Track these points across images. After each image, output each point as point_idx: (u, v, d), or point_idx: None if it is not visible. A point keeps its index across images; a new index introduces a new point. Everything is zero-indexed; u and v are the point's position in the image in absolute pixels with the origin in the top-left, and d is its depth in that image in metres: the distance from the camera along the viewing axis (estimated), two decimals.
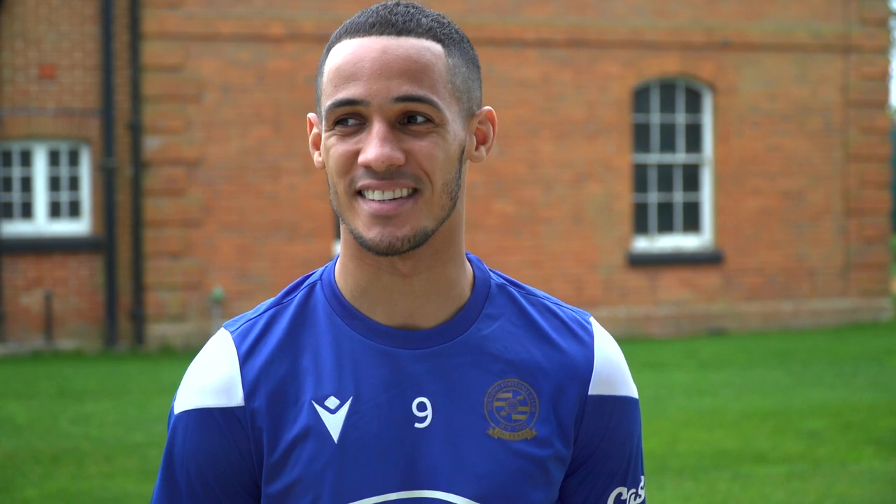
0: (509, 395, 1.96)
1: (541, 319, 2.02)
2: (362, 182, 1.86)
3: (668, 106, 19.73)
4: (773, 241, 19.98)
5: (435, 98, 1.88)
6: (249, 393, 1.93)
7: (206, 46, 17.80)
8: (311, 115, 1.98)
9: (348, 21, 1.92)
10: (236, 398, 1.93)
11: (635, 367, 15.76)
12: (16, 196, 17.60)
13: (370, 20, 1.90)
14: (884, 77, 20.54)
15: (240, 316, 2.02)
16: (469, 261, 2.02)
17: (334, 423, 1.92)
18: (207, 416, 1.94)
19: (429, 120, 1.88)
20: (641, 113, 19.60)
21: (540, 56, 18.99)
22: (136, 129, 17.65)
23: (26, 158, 17.63)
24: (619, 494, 2.04)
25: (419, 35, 1.89)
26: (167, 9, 17.64)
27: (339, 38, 1.93)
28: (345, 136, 1.88)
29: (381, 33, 1.88)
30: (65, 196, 17.71)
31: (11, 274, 17.49)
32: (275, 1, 17.99)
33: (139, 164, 17.68)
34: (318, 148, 1.96)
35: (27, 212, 17.63)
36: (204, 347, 2.01)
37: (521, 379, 1.97)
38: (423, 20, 1.91)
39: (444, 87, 1.89)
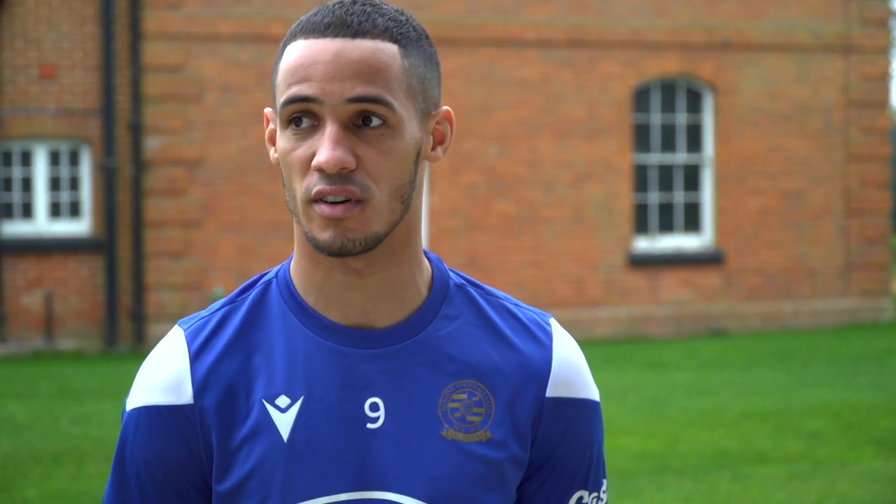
0: (464, 396, 1.94)
1: (499, 320, 1.99)
2: (317, 189, 1.84)
3: (668, 106, 19.73)
4: (773, 241, 19.98)
5: (389, 98, 1.86)
6: (199, 391, 1.92)
7: (206, 46, 17.80)
8: (267, 111, 1.97)
9: (304, 18, 1.91)
10: (185, 396, 1.92)
11: (636, 368, 15.76)
12: (16, 196, 17.60)
13: (325, 20, 1.88)
14: (884, 77, 20.54)
15: (194, 314, 2.01)
16: (428, 260, 2.01)
17: (284, 422, 1.90)
18: (156, 414, 1.93)
19: (383, 123, 1.87)
20: (642, 113, 19.59)
21: (540, 56, 18.99)
22: (136, 130, 17.65)
23: (27, 159, 17.64)
24: (581, 498, 2.02)
25: (374, 36, 1.88)
26: (167, 9, 17.65)
27: (293, 37, 1.90)
28: (299, 138, 1.87)
29: (336, 35, 1.87)
30: (65, 196, 17.71)
31: (12, 274, 17.49)
32: (275, 1, 17.99)
33: (139, 164, 17.68)
34: (273, 144, 1.95)
35: (27, 212, 17.63)
36: (157, 345, 2.00)
37: (476, 380, 1.95)
38: (380, 20, 1.89)
39: (400, 88, 1.88)
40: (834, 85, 20.21)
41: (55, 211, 17.71)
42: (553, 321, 2.04)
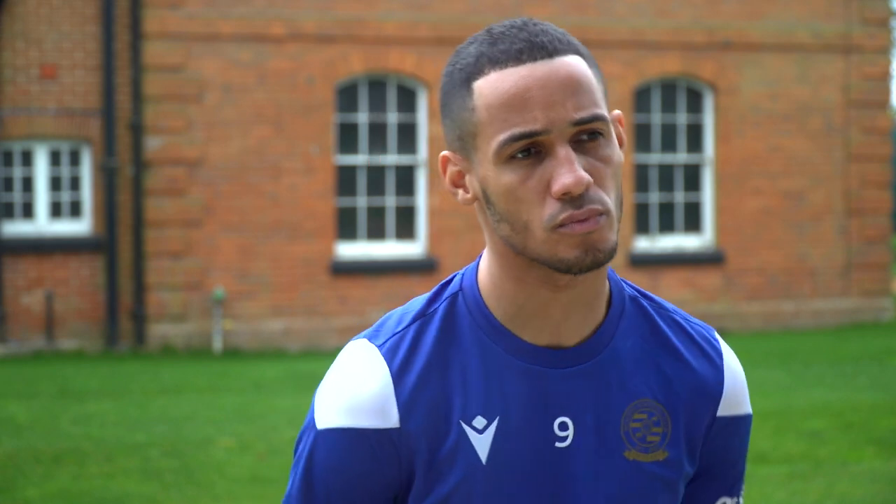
0: (644, 415, 1.96)
1: (672, 336, 2.00)
2: (565, 215, 1.83)
3: (669, 106, 19.73)
4: (774, 241, 19.98)
5: (603, 111, 1.87)
6: (405, 414, 1.91)
7: (206, 46, 17.80)
8: (446, 153, 1.94)
9: (482, 51, 1.87)
10: (392, 420, 1.91)
11: None
12: (17, 196, 17.60)
13: (515, 46, 1.85)
14: (885, 77, 20.54)
15: (379, 326, 1.97)
16: None
17: (482, 443, 1.91)
18: (359, 437, 1.91)
19: (601, 134, 1.87)
20: (642, 113, 19.59)
21: None
22: (137, 129, 17.66)
23: (27, 158, 17.64)
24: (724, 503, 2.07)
25: (565, 52, 1.86)
26: (168, 9, 17.65)
27: (480, 73, 1.86)
28: (527, 169, 1.85)
29: (535, 58, 1.84)
30: (66, 196, 17.71)
31: (12, 274, 17.50)
32: (276, 1, 17.99)
33: (140, 164, 17.68)
34: (458, 185, 1.95)
35: (28, 212, 17.63)
36: (347, 360, 1.95)
37: (654, 399, 1.97)
38: (559, 35, 1.88)
39: (601, 97, 1.88)
40: (834, 85, 20.21)
41: (56, 211, 17.71)
42: (717, 335, 2.06)
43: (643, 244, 19.57)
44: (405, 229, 18.69)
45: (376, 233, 18.55)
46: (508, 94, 1.84)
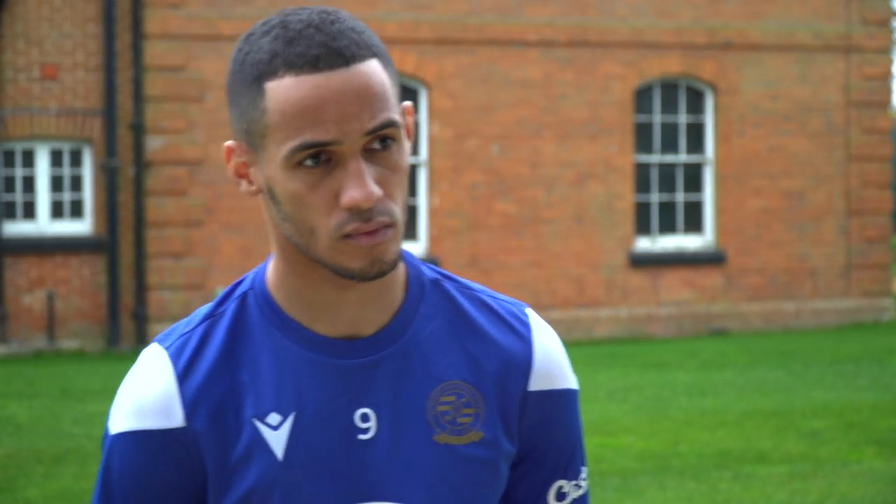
0: (452, 398, 1.92)
1: (477, 315, 1.97)
2: (351, 227, 1.80)
3: (669, 106, 19.74)
4: (774, 241, 19.99)
5: (396, 117, 1.82)
6: (190, 413, 1.87)
7: (207, 47, 17.81)
8: (230, 144, 1.89)
9: (276, 48, 1.80)
10: (176, 419, 1.87)
11: (637, 368, 15.77)
12: (18, 196, 17.62)
13: (312, 52, 1.79)
14: (885, 77, 20.55)
15: (171, 328, 1.93)
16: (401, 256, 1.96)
17: (277, 439, 1.87)
18: (147, 439, 1.88)
19: (394, 140, 1.83)
20: (643, 113, 19.60)
21: (542, 56, 19.00)
22: (138, 130, 17.67)
23: (28, 158, 17.65)
24: (560, 487, 2.01)
25: (363, 58, 1.81)
26: (169, 9, 17.66)
27: (275, 73, 1.80)
28: (316, 177, 1.81)
29: (332, 67, 1.79)
30: (67, 196, 17.73)
31: (14, 274, 17.51)
32: (276, 1, 18.01)
33: (141, 164, 17.69)
34: (243, 177, 1.89)
35: (29, 212, 17.65)
36: (137, 364, 1.92)
37: (462, 380, 1.93)
38: (356, 37, 1.82)
39: (395, 101, 1.84)
40: (835, 85, 20.22)
41: (57, 211, 17.72)
42: (530, 311, 2.02)
43: (644, 244, 19.58)
44: (405, 229, 18.69)
45: None
46: (302, 104, 1.79)
